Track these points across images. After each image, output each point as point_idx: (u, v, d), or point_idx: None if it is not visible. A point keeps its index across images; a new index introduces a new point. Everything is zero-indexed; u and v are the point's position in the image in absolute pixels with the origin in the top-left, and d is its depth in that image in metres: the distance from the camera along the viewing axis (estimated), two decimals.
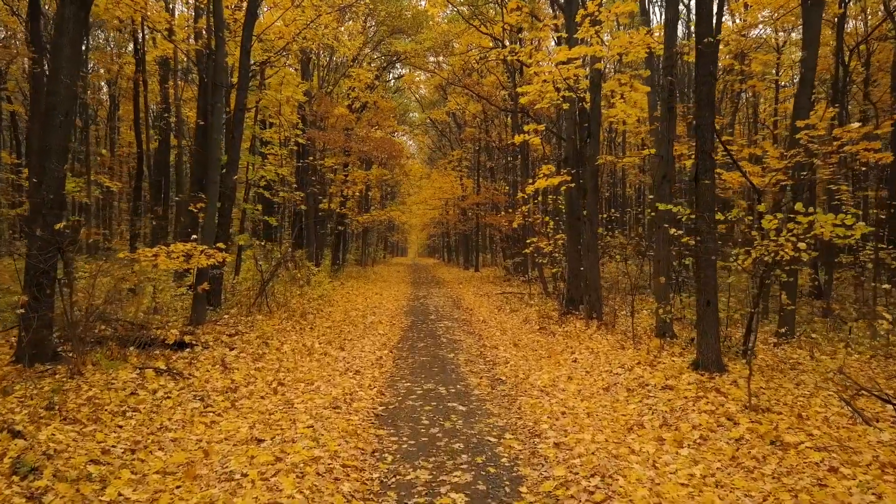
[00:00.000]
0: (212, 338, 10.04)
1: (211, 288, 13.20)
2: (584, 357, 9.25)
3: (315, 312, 14.46)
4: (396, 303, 18.05)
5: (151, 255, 9.68)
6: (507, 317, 14.60)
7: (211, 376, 7.67)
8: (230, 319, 12.27)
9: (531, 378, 8.07)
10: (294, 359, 9.28)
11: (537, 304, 16.22)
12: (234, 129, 13.41)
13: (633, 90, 11.66)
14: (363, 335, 11.68)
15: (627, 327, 12.02)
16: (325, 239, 30.71)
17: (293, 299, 16.10)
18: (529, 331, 12.25)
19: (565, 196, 13.58)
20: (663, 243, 10.26)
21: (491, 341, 11.11)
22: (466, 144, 34.50)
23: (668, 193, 10.34)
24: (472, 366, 9.01)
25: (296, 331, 11.77)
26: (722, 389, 6.85)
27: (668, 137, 10.34)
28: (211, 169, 10.69)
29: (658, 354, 8.80)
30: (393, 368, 8.78)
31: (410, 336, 11.80)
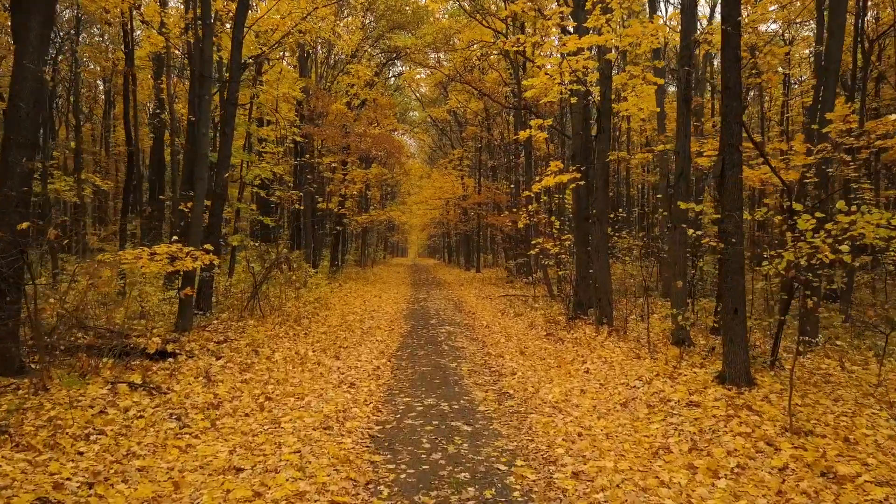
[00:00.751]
0: (198, 346, 9.40)
1: (201, 291, 12.58)
2: (596, 367, 8.60)
3: (310, 317, 13.81)
4: (396, 306, 17.41)
5: (133, 258, 9.04)
6: (511, 321, 13.95)
7: (192, 390, 7.03)
8: (220, 325, 11.63)
9: (541, 391, 7.43)
10: (285, 369, 8.64)
11: (542, 308, 15.57)
12: (226, 124, 12.77)
13: (645, 83, 11.01)
14: (360, 342, 11.04)
15: (640, 333, 11.38)
16: (324, 239, 30.09)
17: (288, 303, 15.46)
18: (536, 337, 11.61)
19: (573, 195, 12.94)
20: (679, 245, 9.61)
21: (496, 349, 10.46)
22: (468, 143, 33.87)
23: (685, 191, 9.70)
24: (477, 377, 8.36)
25: (289, 337, 11.13)
26: (754, 407, 6.20)
27: (685, 132, 9.70)
28: (198, 165, 10.06)
29: (677, 365, 8.15)
30: (391, 380, 8.13)
31: (410, 343, 11.16)
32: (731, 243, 6.86)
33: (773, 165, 7.65)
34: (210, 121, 14.06)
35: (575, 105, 12.83)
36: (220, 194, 12.70)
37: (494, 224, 29.17)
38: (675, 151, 9.72)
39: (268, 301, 14.80)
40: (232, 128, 13.10)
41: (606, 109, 11.30)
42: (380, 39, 25.27)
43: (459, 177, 35.33)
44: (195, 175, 10.13)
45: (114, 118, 33.89)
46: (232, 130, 13.10)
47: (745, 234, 15.04)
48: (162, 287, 15.47)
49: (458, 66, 23.40)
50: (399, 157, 19.49)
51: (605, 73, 11.32)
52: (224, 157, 12.78)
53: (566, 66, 10.98)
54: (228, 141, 12.87)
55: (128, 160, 16.68)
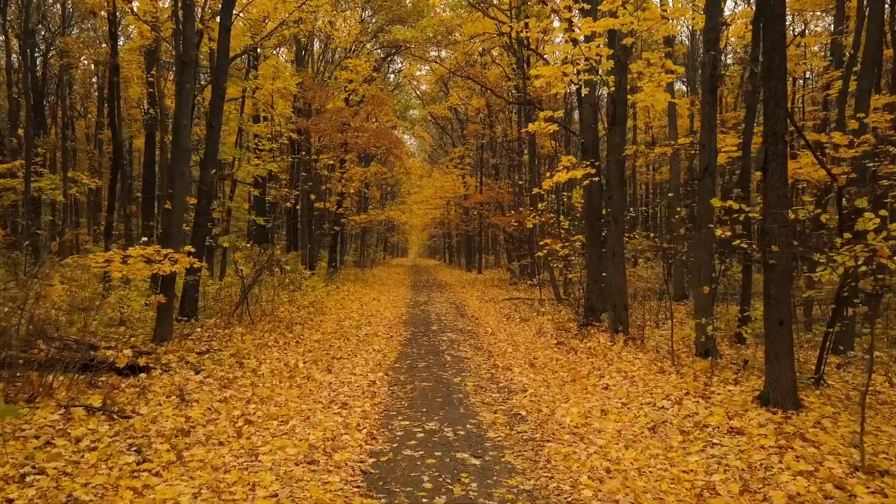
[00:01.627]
0: (176, 358, 8.55)
1: (185, 296, 11.74)
2: (616, 382, 7.75)
3: (304, 322, 12.97)
4: (395, 310, 16.56)
5: (103, 261, 8.21)
6: (517, 327, 13.10)
7: (161, 413, 6.18)
8: (205, 333, 10.78)
9: (557, 413, 6.58)
10: (271, 384, 7.79)
11: (550, 313, 14.73)
12: (213, 117, 11.93)
13: (663, 71, 10.17)
14: (355, 351, 10.19)
15: (658, 342, 10.53)
16: (322, 240, 29.25)
17: (281, 307, 14.62)
18: (545, 346, 10.76)
19: (584, 193, 12.10)
20: (705, 246, 8.76)
21: (503, 359, 9.61)
22: (469, 141, 33.02)
23: (710, 188, 8.85)
24: (484, 394, 7.51)
25: (279, 346, 10.29)
26: (808, 435, 5.35)
27: (711, 123, 8.85)
28: (178, 160, 9.21)
29: (708, 381, 7.31)
30: (388, 398, 7.28)
31: (409, 352, 10.31)
32: (771, 244, 6.00)
33: (819, 157, 6.81)
34: (196, 113, 13.22)
35: (586, 97, 11.99)
36: (206, 192, 11.86)
37: (497, 224, 28.33)
38: (700, 144, 8.88)
39: (259, 306, 13.96)
40: (220, 121, 12.26)
41: (622, 100, 10.45)
42: (379, 33, 24.43)
43: (461, 176, 34.48)
44: (175, 171, 9.29)
45: (107, 116, 33.04)
46: (220, 124, 12.27)
47: None
48: (148, 291, 14.63)
49: (459, 61, 22.56)
50: (398, 152, 18.63)
51: (622, 60, 10.47)
52: (211, 152, 11.95)
53: (579, 53, 10.13)
54: (216, 135, 12.04)
55: (113, 158, 15.83)
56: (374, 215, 29.83)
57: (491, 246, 40.91)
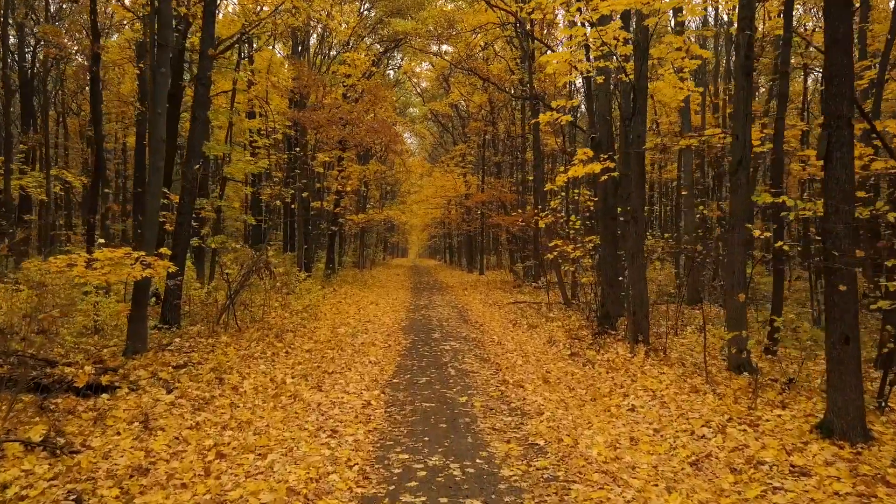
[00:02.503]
0: (148, 373, 7.64)
1: (166, 302, 10.85)
2: (643, 403, 6.84)
3: (296, 330, 12.06)
4: (394, 315, 15.65)
5: (65, 265, 7.30)
6: (525, 335, 12.19)
7: (117, 446, 5.27)
8: (185, 342, 9.87)
9: (581, 442, 5.66)
10: (253, 404, 6.89)
11: (559, 319, 13.81)
12: (197, 107, 11.03)
13: (689, 56, 9.26)
14: (350, 364, 9.27)
15: (681, 354, 9.62)
16: (321, 240, 28.35)
17: (272, 313, 13.71)
18: (558, 356, 9.85)
19: (599, 190, 11.19)
20: (739, 248, 7.85)
21: (512, 374, 8.69)
22: (471, 138, 32.11)
23: (745, 183, 7.94)
24: (494, 417, 6.60)
25: (266, 358, 9.37)
26: (890, 478, 4.44)
27: (745, 110, 7.94)
28: (152, 152, 8.30)
29: (752, 403, 6.40)
30: (384, 423, 6.37)
31: (409, 365, 9.40)
32: (839, 249, 5.10)
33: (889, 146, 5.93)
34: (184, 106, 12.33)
35: (600, 86, 11.09)
36: (189, 189, 10.96)
37: (500, 224, 27.43)
38: (733, 135, 7.97)
39: (248, 312, 13.05)
40: (205, 112, 11.37)
41: (642, 87, 9.53)
42: (378, 25, 23.52)
43: (462, 174, 33.56)
44: (151, 164, 8.38)
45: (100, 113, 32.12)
46: (205, 115, 11.37)
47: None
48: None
49: (461, 54, 21.66)
50: (398, 147, 17.69)
51: (642, 44, 9.56)
52: (195, 146, 11.04)
53: (595, 37, 9.23)
54: (200, 127, 11.13)
55: (96, 153, 14.92)
56: (372, 215, 28.92)
57: (493, 246, 40.05)
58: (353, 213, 27.86)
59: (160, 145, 8.21)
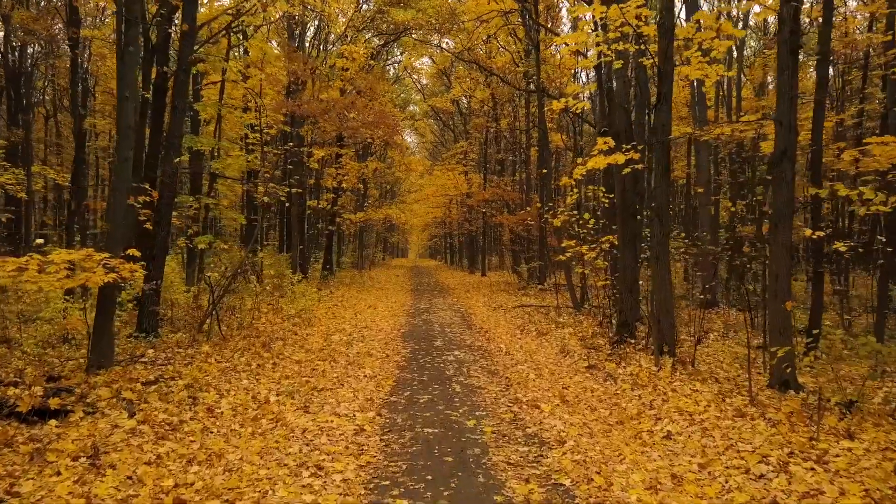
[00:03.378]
0: (111, 391, 6.70)
1: (143, 308, 9.92)
2: (680, 429, 5.90)
3: (286, 338, 11.12)
4: (393, 320, 14.70)
5: (14, 269, 6.37)
6: (535, 343, 11.25)
7: (53, 490, 4.33)
8: (161, 353, 8.93)
9: (615, 483, 4.72)
10: (229, 429, 5.96)
11: (570, 325, 12.87)
12: (176, 96, 10.11)
13: (720, 36, 8.32)
14: (342, 379, 8.33)
15: (711, 366, 8.69)
16: (318, 240, 27.45)
17: (262, 318, 12.78)
18: (574, 369, 8.91)
19: (616, 185, 10.25)
20: (784, 249, 6.91)
21: (525, 390, 7.75)
22: (473, 135, 31.16)
23: (790, 176, 7.00)
24: (508, 447, 5.65)
25: (250, 371, 8.44)
26: None
27: (791, 93, 7.01)
28: (120, 141, 7.36)
29: (812, 432, 5.45)
30: (379, 455, 5.43)
31: (409, 379, 8.45)
32: None
33: None
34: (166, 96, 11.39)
35: (618, 72, 10.15)
36: (168, 184, 10.02)
37: (504, 223, 26.51)
38: (776, 121, 7.03)
39: (236, 318, 12.12)
40: (185, 101, 10.44)
41: (668, 72, 8.59)
42: (377, 16, 22.57)
43: (463, 172, 32.60)
44: (117, 154, 7.43)
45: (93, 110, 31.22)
46: (185, 104, 10.44)
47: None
48: None
49: (464, 44, 20.72)
50: (398, 139, 16.69)
51: (667, 24, 8.62)
52: (174, 138, 10.12)
53: (614, 16, 8.29)
54: (179, 117, 10.21)
55: (75, 147, 14.01)
56: (370, 214, 27.97)
57: (496, 247, 39.16)
58: (352, 212, 26.91)
59: (128, 133, 7.26)
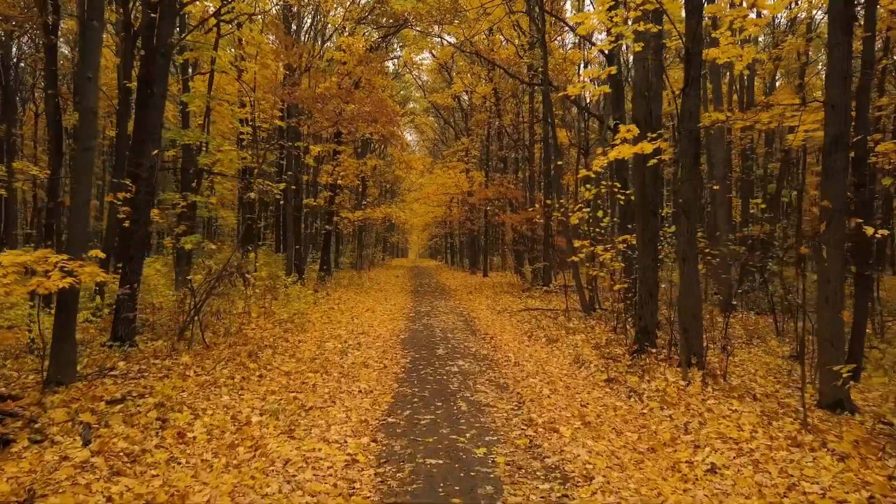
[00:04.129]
0: (67, 413, 5.85)
1: (118, 315, 9.07)
2: (726, 460, 5.04)
3: (276, 345, 10.27)
4: (392, 324, 13.84)
5: None
6: (545, 351, 10.39)
7: None
8: (135, 365, 8.08)
9: None
10: (200, 459, 5.11)
11: (581, 330, 12.01)
12: (153, 82, 9.26)
13: (756, 12, 7.47)
14: (335, 395, 7.47)
15: (744, 379, 7.84)
16: (316, 240, 26.60)
17: (252, 324, 11.92)
18: (591, 383, 8.05)
19: (633, 179, 9.39)
20: (836, 250, 6.06)
21: (540, 409, 6.89)
22: (476, 131, 30.27)
23: (843, 167, 6.15)
24: (525, 483, 4.79)
25: (232, 385, 7.58)
26: None
27: (844, 74, 6.15)
28: (81, 127, 6.50)
29: (889, 466, 4.60)
30: (373, 494, 4.57)
31: (409, 395, 7.59)
32: None
33: None
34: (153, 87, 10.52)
35: (637, 55, 9.29)
36: (145, 179, 9.17)
37: (508, 222, 25.65)
38: (827, 105, 6.18)
39: (222, 323, 11.27)
40: (164, 88, 9.58)
41: (696, 54, 7.72)
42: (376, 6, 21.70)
43: (465, 170, 31.71)
44: (79, 143, 6.58)
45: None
46: (164, 91, 9.58)
47: None
48: (87, 303, 11.90)
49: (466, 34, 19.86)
50: (397, 131, 15.81)
51: (695, 0, 7.76)
52: (150, 128, 9.26)
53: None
54: (157, 104, 9.35)
55: (52, 140, 13.16)
56: (369, 212, 27.09)
57: (499, 247, 38.30)
58: (350, 210, 26.04)
59: (90, 118, 6.41)
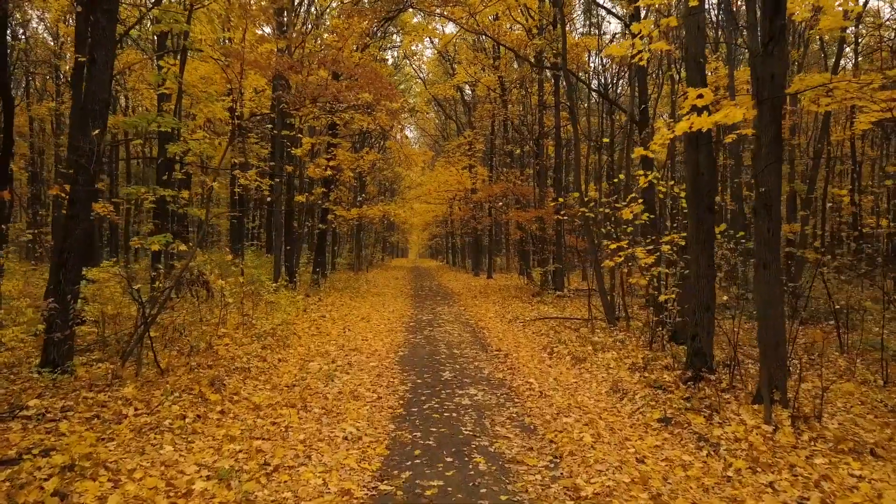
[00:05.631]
0: None
1: (50, 335, 7.36)
2: None
3: (249, 367, 8.53)
4: (389, 337, 12.10)
5: None
6: (573, 375, 8.64)
7: None
8: (58, 401, 6.35)
9: None
10: None
11: (611, 346, 10.27)
12: (96, 46, 7.54)
13: None
14: (311, 443, 5.72)
15: (842, 421, 6.10)
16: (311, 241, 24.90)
17: (226, 339, 10.17)
18: (641, 422, 6.30)
19: (687, 166, 7.65)
20: None
21: (585, 469, 5.13)
22: (482, 122, 28.50)
23: None
24: None
25: (179, 430, 5.84)
26: None
27: None
28: None
29: None
30: None
31: (409, 444, 5.84)
32: None
33: None
34: None
35: (693, 10, 7.54)
36: (83, 165, 7.44)
37: (514, 221, 23.93)
38: None
39: (187, 340, 9.50)
40: (108, 54, 7.83)
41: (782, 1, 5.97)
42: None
43: (468, 167, 29.93)
44: None
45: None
46: (109, 58, 7.84)
47: None
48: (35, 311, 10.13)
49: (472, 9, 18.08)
50: (392, 105, 14.04)
51: None
52: (93, 103, 7.53)
53: None
54: (100, 76, 7.61)
55: (4, 128, 11.43)
56: (366, 210, 25.34)
57: (503, 247, 36.58)
58: (346, 208, 24.30)
59: None
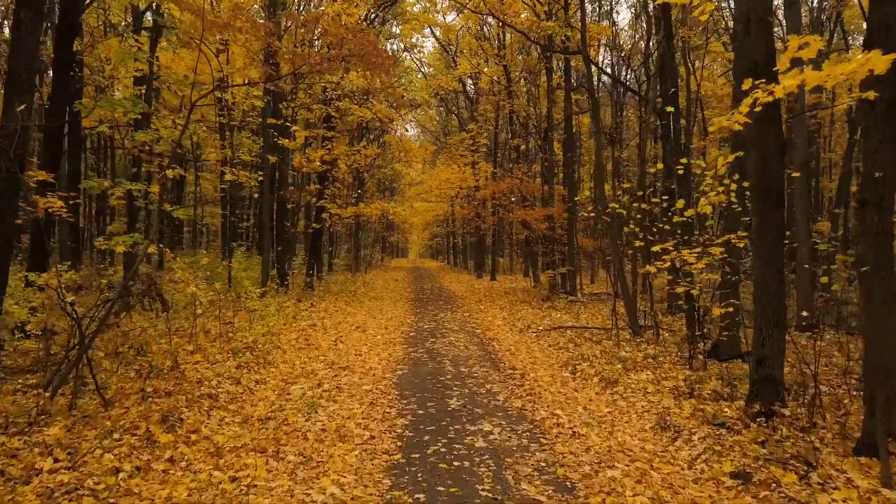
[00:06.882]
0: None
1: None
2: None
3: (218, 394, 7.09)
4: (387, 351, 10.65)
5: None
6: (605, 402, 7.20)
7: None
8: None
9: None
10: None
11: (642, 363, 8.84)
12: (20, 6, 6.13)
13: None
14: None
15: None
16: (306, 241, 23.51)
17: (197, 355, 8.73)
18: (709, 477, 4.87)
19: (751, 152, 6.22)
20: None
21: None
22: (486, 116, 27.07)
23: None
24: None
25: (103, 495, 4.41)
26: None
27: None
28: None
29: None
30: None
31: None
32: None
33: None
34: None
35: None
36: (3, 149, 6.01)
37: (519, 220, 22.52)
38: None
39: (146, 360, 8.04)
40: (36, 13, 6.39)
41: None
42: None
43: (471, 163, 28.49)
44: None
45: None
46: (36, 18, 6.39)
47: None
48: None
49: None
50: (389, 70, 12.61)
51: None
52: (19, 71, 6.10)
53: None
54: (28, 36, 6.18)
55: None
56: (363, 209, 23.92)
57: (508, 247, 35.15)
58: (341, 207, 22.88)
59: None
